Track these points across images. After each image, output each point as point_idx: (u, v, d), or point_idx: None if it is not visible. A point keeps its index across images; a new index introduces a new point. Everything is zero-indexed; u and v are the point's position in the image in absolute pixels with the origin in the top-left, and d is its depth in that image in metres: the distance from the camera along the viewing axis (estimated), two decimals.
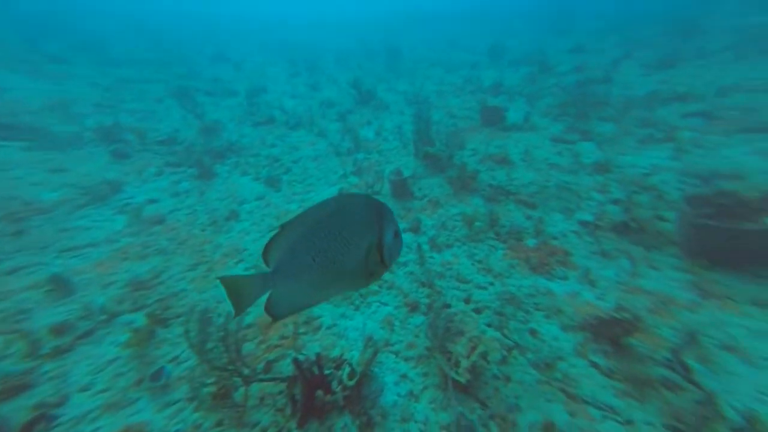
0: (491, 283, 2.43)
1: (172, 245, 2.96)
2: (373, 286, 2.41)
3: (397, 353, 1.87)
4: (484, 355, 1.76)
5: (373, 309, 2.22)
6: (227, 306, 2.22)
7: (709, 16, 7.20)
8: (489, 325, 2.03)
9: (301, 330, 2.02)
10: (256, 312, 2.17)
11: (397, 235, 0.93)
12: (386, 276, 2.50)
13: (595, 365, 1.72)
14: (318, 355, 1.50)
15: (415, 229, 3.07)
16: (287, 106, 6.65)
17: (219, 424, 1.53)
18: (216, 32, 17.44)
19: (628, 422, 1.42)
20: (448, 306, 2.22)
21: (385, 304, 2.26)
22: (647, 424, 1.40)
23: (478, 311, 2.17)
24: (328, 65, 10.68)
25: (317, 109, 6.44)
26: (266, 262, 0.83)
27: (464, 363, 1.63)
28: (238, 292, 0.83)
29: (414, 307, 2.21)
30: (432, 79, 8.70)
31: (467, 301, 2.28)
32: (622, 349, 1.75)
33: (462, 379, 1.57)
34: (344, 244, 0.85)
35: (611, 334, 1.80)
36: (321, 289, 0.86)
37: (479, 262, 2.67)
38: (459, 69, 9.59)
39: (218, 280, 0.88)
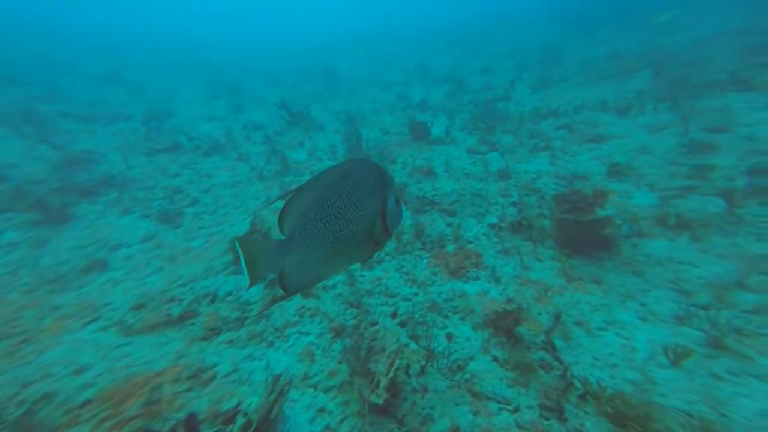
0: (416, 294, 2.56)
1: None
2: (293, 317, 2.27)
3: (315, 386, 1.78)
4: (405, 369, 1.82)
5: (291, 342, 2.08)
6: (35, 389, 1.57)
7: (567, 49, 9.40)
8: (411, 337, 2.12)
9: (184, 387, 1.71)
10: (99, 384, 1.71)
11: (398, 202, 0.91)
12: (310, 302, 2.39)
13: (495, 359, 1.96)
14: (190, 415, 1.28)
15: None
16: (201, 130, 5.88)
17: None
18: (115, 50, 14.28)
19: (516, 410, 1.65)
20: (375, 323, 2.24)
21: (307, 334, 2.15)
22: (528, 408, 1.65)
23: (403, 324, 2.26)
24: (256, 86, 9.95)
25: (240, 132, 5.88)
26: (281, 228, 0.81)
27: (383, 381, 1.64)
28: (256, 254, 0.78)
29: (339, 332, 2.16)
30: (369, 98, 8.97)
31: (394, 315, 2.35)
32: (514, 339, 2.05)
33: (379, 401, 1.58)
34: (353, 209, 0.82)
35: (506, 326, 2.09)
36: (331, 258, 0.83)
37: (406, 273, 2.79)
38: (393, 87, 10.12)
39: (236, 242, 0.83)
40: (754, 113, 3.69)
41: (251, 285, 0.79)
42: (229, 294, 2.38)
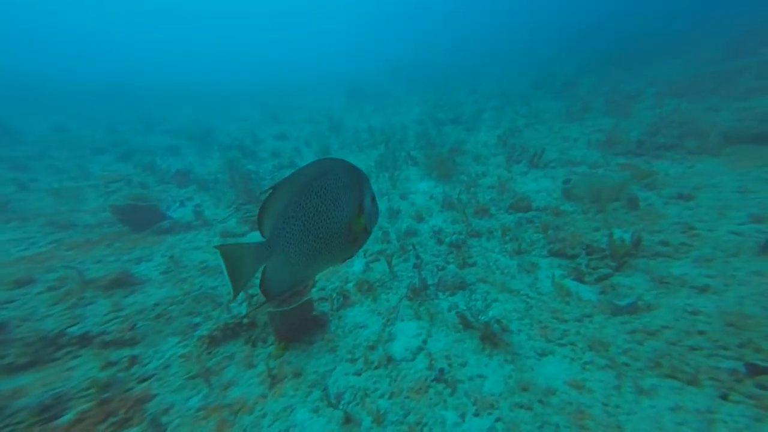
0: None
1: None
2: None
3: None
4: None
5: None
6: None
7: (345, 120, 13.24)
8: None
9: None
10: None
11: (374, 200, 1.11)
12: None
13: None
14: None
15: None
16: None
17: None
18: None
19: None
20: None
21: None
22: None
23: None
24: None
25: None
26: (261, 229, 0.97)
27: None
28: (238, 261, 0.91)
29: None
30: (74, 169, 7.22)
31: None
32: None
33: None
34: (331, 206, 0.99)
35: None
36: (310, 258, 0.98)
37: None
38: (144, 155, 9.04)
39: (215, 249, 0.94)
40: (418, 184, 6.50)
41: (236, 295, 0.91)
42: None
